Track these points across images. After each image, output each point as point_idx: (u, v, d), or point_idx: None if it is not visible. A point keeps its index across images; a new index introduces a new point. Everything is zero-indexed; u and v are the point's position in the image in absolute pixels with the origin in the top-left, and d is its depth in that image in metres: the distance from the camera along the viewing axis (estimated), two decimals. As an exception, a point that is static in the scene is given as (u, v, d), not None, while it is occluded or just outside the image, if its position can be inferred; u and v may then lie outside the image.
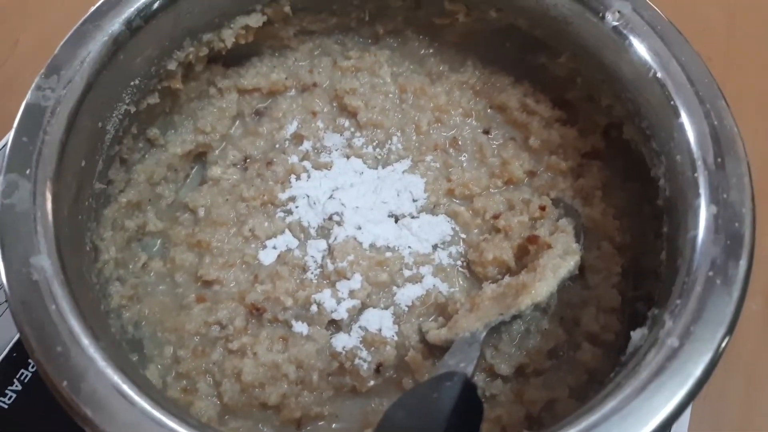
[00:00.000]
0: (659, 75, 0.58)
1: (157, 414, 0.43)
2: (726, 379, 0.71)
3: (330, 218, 0.67)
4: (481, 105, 0.76)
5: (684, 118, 0.56)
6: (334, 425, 0.62)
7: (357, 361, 0.61)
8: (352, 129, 0.73)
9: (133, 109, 0.64)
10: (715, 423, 0.69)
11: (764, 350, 0.73)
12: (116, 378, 0.44)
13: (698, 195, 0.52)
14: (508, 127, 0.75)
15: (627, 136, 0.65)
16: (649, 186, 0.62)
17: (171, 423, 0.43)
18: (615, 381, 0.46)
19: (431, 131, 0.73)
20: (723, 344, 0.47)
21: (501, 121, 0.76)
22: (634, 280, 0.65)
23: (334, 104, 0.75)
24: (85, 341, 0.45)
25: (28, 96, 0.54)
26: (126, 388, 0.44)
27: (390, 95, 0.75)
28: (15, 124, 0.53)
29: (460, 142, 0.73)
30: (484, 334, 0.57)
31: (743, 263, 0.49)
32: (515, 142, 0.73)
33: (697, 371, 0.45)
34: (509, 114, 0.75)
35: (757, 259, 0.50)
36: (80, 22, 0.57)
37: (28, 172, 0.51)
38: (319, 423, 0.62)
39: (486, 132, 0.74)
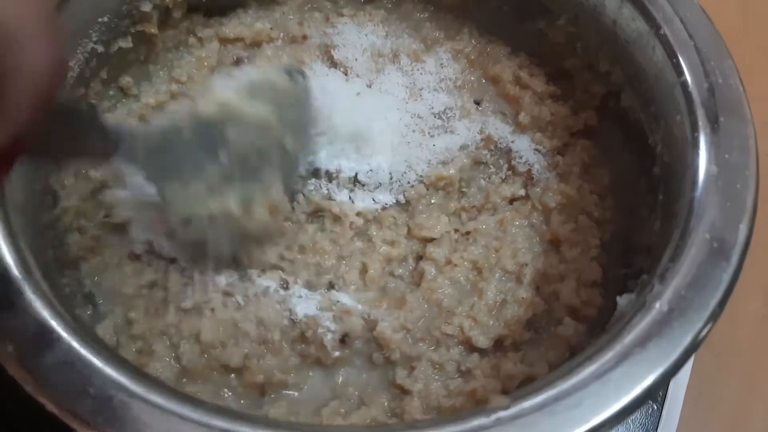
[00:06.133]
0: (661, 32, 0.54)
1: (84, 353, 0.39)
2: (719, 380, 0.67)
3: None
4: (475, 76, 0.72)
5: (686, 76, 0.52)
6: (297, 394, 0.58)
7: (320, 330, 0.57)
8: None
9: (101, 49, 0.60)
10: (706, 423, 0.66)
11: (761, 351, 0.69)
12: (44, 313, 0.40)
13: (697, 155, 0.48)
14: (500, 100, 0.71)
15: (625, 103, 0.62)
16: (645, 158, 0.59)
17: (98, 362, 0.39)
18: (596, 345, 0.42)
19: (422, 98, 0.69)
20: (717, 313, 0.42)
21: (494, 93, 0.72)
22: (624, 257, 0.61)
23: (325, 59, 0.71)
24: (15, 272, 0.41)
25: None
26: (54, 324, 0.40)
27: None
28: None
29: (450, 112, 0.69)
30: None
31: (743, 227, 0.45)
32: (504, 116, 0.70)
33: (687, 339, 0.41)
34: (502, 86, 0.71)
35: (755, 257, 0.47)
36: (43, -56, 0.54)
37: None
38: (284, 391, 0.57)
39: (477, 103, 0.71)
